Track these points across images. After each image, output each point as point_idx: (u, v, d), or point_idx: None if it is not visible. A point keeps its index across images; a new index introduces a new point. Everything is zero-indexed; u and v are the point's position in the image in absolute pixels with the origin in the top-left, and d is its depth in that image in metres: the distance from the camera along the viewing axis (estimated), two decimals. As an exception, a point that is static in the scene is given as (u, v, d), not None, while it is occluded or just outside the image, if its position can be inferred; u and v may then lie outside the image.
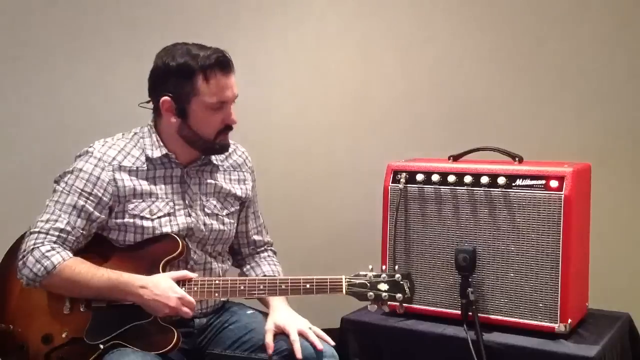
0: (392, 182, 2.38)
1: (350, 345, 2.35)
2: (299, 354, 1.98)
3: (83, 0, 2.94)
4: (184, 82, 2.02)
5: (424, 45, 3.08)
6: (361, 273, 2.02)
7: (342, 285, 2.00)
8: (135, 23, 2.93)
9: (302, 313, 2.11)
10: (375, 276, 2.02)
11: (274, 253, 2.34)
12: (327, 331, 2.06)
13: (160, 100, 2.05)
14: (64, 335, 2.01)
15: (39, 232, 1.99)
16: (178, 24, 2.95)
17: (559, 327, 2.15)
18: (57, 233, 1.99)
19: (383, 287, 2.00)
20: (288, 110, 3.12)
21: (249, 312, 2.21)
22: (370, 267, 2.03)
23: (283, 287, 2.01)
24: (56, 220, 2.00)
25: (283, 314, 2.08)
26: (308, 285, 2.00)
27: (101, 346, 1.98)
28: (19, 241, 2.08)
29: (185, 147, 2.11)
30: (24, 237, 2.04)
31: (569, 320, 2.16)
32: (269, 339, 2.02)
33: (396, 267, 2.10)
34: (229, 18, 3.03)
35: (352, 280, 2.01)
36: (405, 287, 2.01)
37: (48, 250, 1.97)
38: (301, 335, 2.02)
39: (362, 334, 2.36)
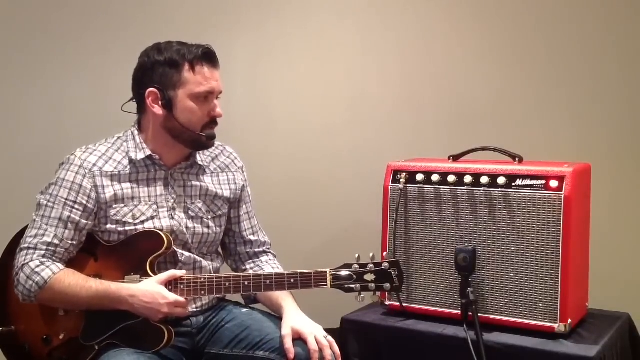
0: (392, 182, 2.38)
1: (350, 345, 2.35)
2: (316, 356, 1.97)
3: (83, 1, 2.94)
4: (171, 72, 2.03)
5: (424, 45, 3.09)
6: (347, 264, 1.99)
7: (326, 278, 1.97)
8: (135, 23, 2.94)
9: (301, 312, 2.11)
10: (361, 266, 1.98)
11: (274, 256, 2.33)
12: (327, 331, 2.06)
13: (147, 92, 2.05)
14: (61, 337, 2.03)
15: (28, 248, 2.00)
16: (178, 24, 2.95)
17: (558, 327, 2.15)
18: (45, 247, 1.99)
19: (370, 277, 1.97)
20: (288, 110, 3.12)
21: (244, 310, 2.21)
22: (357, 255, 1.99)
23: (267, 282, 2.00)
24: (43, 235, 2.00)
25: (300, 319, 2.06)
26: (292, 280, 1.98)
27: (96, 347, 1.99)
28: (15, 241, 2.09)
29: (171, 146, 2.10)
30: (20, 235, 2.06)
31: (569, 320, 2.16)
32: (289, 344, 1.98)
33: (384, 253, 2.06)
34: (229, 18, 3.04)
35: (337, 273, 1.98)
36: (393, 275, 1.98)
37: (37, 266, 1.97)
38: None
39: (362, 334, 2.35)
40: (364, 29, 3.10)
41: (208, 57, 2.06)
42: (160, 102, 2.04)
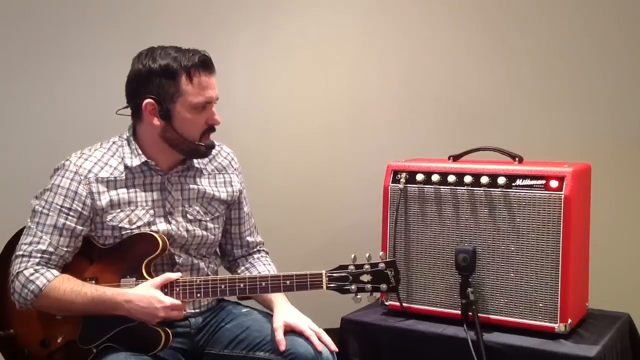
0: (392, 182, 2.38)
1: (350, 345, 2.35)
2: (319, 347, 1.98)
3: (79, 1, 2.94)
4: (168, 83, 2.00)
5: (424, 45, 3.08)
6: (343, 265, 1.98)
7: (322, 280, 1.97)
8: (133, 23, 2.93)
9: (302, 313, 2.11)
10: (357, 267, 1.97)
11: (267, 253, 2.33)
12: (327, 331, 2.06)
13: (143, 103, 2.02)
14: (59, 340, 2.03)
15: (23, 256, 1.99)
16: (176, 24, 2.95)
17: (558, 327, 2.15)
18: (39, 255, 1.99)
19: (366, 278, 1.96)
20: (288, 110, 3.12)
21: (244, 310, 2.20)
22: (352, 255, 1.98)
23: (263, 284, 1.99)
24: (38, 242, 1.99)
25: (291, 312, 2.07)
26: (288, 282, 1.98)
27: (94, 350, 1.99)
28: (12, 244, 2.08)
29: (167, 152, 2.09)
30: (17, 237, 2.05)
31: (569, 320, 2.16)
32: (280, 336, 1.99)
33: (380, 254, 2.05)
34: (228, 18, 3.03)
35: (332, 274, 1.97)
36: (390, 276, 1.96)
37: (32, 274, 1.97)
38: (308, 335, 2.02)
39: (362, 334, 2.36)
40: (364, 29, 3.10)
41: (204, 65, 2.03)
42: (158, 114, 2.02)
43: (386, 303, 2.39)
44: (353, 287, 1.97)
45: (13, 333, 2.08)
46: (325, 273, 1.97)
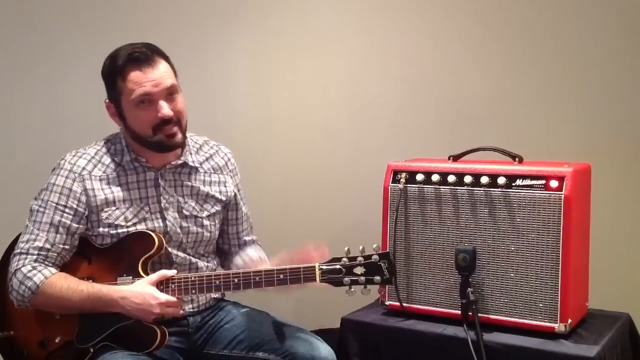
0: (392, 182, 2.38)
1: (350, 345, 2.35)
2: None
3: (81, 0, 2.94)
4: (111, 84, 2.05)
5: (424, 45, 3.09)
6: (336, 258, 1.97)
7: (315, 273, 1.96)
8: (134, 24, 2.93)
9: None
10: (350, 259, 1.96)
11: (259, 246, 2.34)
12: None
13: (106, 106, 2.08)
14: (57, 340, 2.03)
15: (20, 253, 2.01)
16: (175, 23, 2.95)
17: (558, 327, 2.15)
18: (36, 252, 2.00)
19: (359, 270, 1.95)
20: (288, 110, 3.12)
21: (244, 310, 2.21)
22: (346, 248, 1.98)
23: (257, 279, 1.99)
24: (35, 240, 2.01)
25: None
26: (282, 276, 1.98)
27: (91, 349, 1.99)
28: (11, 247, 2.08)
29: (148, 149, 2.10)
30: (17, 240, 2.06)
31: (569, 320, 2.16)
32: (308, 251, 1.99)
33: (374, 246, 2.04)
34: (228, 17, 3.03)
35: (325, 267, 1.97)
36: (384, 268, 1.96)
37: (29, 271, 1.98)
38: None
39: (362, 334, 2.35)
40: (365, 29, 3.10)
41: (134, 60, 2.01)
42: (117, 115, 2.07)
43: (386, 303, 2.39)
44: (346, 279, 1.96)
45: (12, 334, 2.09)
46: (318, 266, 1.97)
